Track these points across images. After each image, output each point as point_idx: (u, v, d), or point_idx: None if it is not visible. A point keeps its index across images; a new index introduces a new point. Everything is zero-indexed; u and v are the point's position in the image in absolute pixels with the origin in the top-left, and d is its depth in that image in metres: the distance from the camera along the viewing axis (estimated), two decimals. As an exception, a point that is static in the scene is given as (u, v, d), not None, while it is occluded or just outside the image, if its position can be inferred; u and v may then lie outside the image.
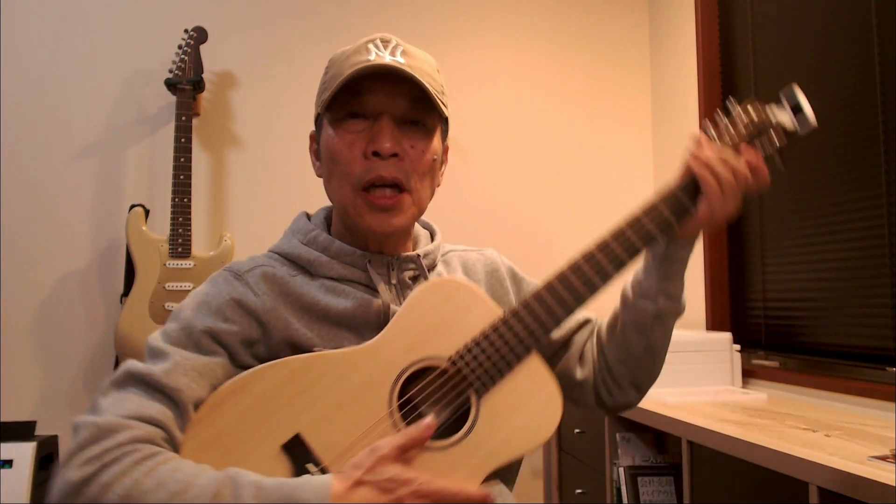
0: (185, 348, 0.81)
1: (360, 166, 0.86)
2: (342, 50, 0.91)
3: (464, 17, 2.70)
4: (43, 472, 2.00)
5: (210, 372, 0.81)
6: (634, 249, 0.87)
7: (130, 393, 0.77)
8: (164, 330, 0.83)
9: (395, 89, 0.86)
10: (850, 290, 1.84)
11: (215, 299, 0.85)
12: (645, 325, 0.95)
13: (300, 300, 0.86)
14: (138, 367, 0.78)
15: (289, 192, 2.50)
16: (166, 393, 0.77)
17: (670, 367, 2.10)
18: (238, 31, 2.51)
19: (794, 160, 2.05)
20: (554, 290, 0.85)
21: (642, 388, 1.01)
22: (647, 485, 1.90)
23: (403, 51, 0.88)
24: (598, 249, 0.86)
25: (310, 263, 0.90)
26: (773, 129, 0.91)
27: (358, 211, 0.87)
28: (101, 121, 2.39)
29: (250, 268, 0.89)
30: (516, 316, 0.83)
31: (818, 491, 1.21)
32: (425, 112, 0.89)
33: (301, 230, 0.94)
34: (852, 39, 1.85)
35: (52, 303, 2.31)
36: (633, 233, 0.88)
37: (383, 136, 0.85)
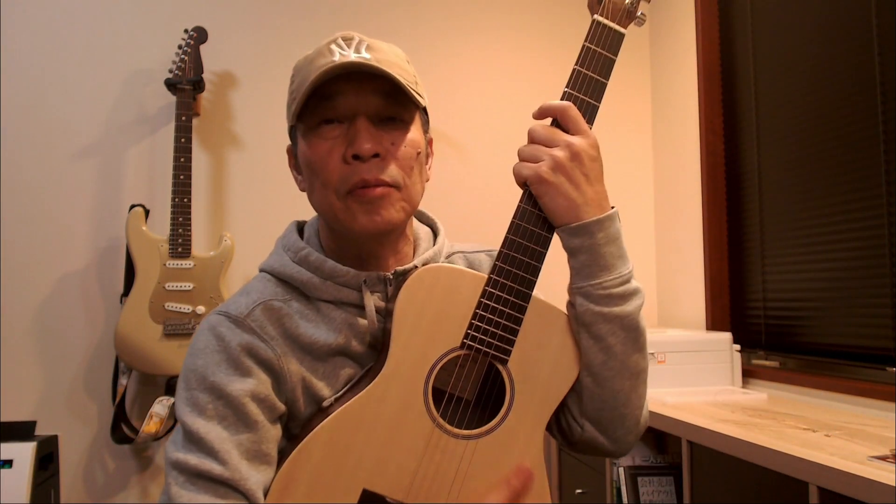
0: (225, 420, 0.77)
1: (341, 172, 0.81)
2: (305, 55, 0.86)
3: (463, 18, 2.70)
4: (43, 472, 2.00)
5: (260, 447, 0.78)
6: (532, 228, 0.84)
7: (198, 493, 0.74)
8: (193, 402, 0.78)
9: (365, 87, 0.82)
10: (850, 290, 1.84)
11: (228, 351, 0.80)
12: (575, 333, 0.86)
13: (298, 340, 0.83)
14: (192, 463, 0.75)
15: (289, 192, 2.49)
16: (232, 486, 0.75)
17: (670, 367, 2.08)
18: (238, 31, 2.51)
19: (795, 160, 2.05)
20: (515, 240, 0.83)
21: (604, 427, 0.88)
22: (647, 485, 1.90)
23: (368, 46, 0.83)
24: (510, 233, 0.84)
25: (303, 285, 0.85)
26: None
27: (349, 214, 0.82)
28: (101, 121, 2.39)
29: (249, 310, 0.83)
30: (500, 271, 0.82)
31: (818, 491, 1.21)
32: (400, 106, 0.84)
33: (292, 247, 0.89)
34: (852, 39, 1.85)
35: (52, 303, 2.31)
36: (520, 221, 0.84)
37: (361, 137, 0.80)
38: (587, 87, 0.85)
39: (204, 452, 0.75)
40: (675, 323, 2.65)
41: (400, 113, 0.84)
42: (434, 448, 0.80)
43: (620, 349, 0.84)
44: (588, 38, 0.85)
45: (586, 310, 0.83)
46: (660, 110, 2.78)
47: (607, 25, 0.86)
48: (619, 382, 0.85)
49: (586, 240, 0.82)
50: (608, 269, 0.83)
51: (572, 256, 0.84)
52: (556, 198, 0.81)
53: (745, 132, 2.31)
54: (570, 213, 0.81)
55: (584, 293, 0.83)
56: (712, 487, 1.56)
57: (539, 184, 0.81)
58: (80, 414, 2.30)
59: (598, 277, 0.83)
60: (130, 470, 2.33)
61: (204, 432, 0.76)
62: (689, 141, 2.54)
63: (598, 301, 0.83)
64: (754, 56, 2.27)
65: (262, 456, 0.78)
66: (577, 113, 0.83)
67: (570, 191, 0.81)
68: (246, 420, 0.78)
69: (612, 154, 2.79)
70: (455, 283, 0.83)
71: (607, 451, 0.89)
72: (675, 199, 2.66)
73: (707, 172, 2.43)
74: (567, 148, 0.81)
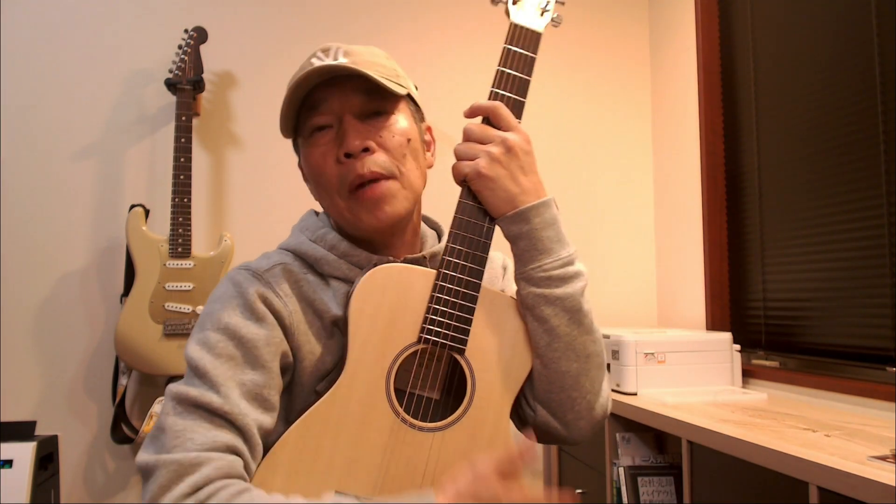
0: (232, 360, 0.79)
1: (337, 173, 0.86)
2: (292, 73, 0.91)
3: (462, 17, 2.70)
4: (43, 472, 2.00)
5: (262, 391, 0.79)
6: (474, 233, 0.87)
7: (194, 422, 0.74)
8: (204, 340, 0.80)
9: (346, 88, 0.87)
10: (850, 290, 1.84)
11: (244, 296, 0.82)
12: (522, 318, 0.89)
13: (313, 305, 0.86)
14: (192, 393, 0.76)
15: (289, 192, 2.50)
16: (229, 420, 0.75)
17: (670, 367, 2.08)
18: (238, 31, 2.51)
19: (798, 159, 2.05)
20: (459, 234, 0.86)
21: (554, 410, 0.89)
22: (647, 485, 1.90)
23: (345, 52, 0.88)
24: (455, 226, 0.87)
25: (317, 261, 0.89)
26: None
27: (354, 214, 0.87)
28: (101, 121, 2.39)
29: (269, 266, 0.86)
30: (448, 265, 0.85)
31: (818, 491, 1.21)
32: (383, 100, 0.88)
33: (310, 227, 0.93)
34: (852, 39, 1.85)
35: (52, 303, 2.31)
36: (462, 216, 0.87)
37: (348, 135, 0.85)
38: (512, 85, 0.89)
39: (206, 385, 0.76)
40: (675, 323, 2.65)
41: (383, 106, 0.88)
42: (401, 443, 0.81)
43: (565, 331, 0.87)
44: (507, 39, 0.90)
45: (528, 292, 0.87)
46: (660, 110, 2.78)
47: (524, 27, 0.91)
48: (565, 364, 0.87)
49: (524, 226, 0.86)
50: (547, 252, 0.86)
51: (513, 244, 0.88)
52: (496, 190, 0.85)
53: (745, 132, 2.31)
54: (508, 203, 0.86)
55: (525, 277, 0.87)
56: (712, 487, 1.56)
57: (478, 179, 0.85)
58: (80, 414, 2.30)
59: (538, 261, 0.86)
60: (130, 470, 2.33)
61: (210, 367, 0.77)
62: (689, 141, 2.54)
63: (538, 283, 0.86)
64: (754, 56, 2.27)
65: (263, 400, 0.79)
66: (507, 110, 0.87)
67: (507, 183, 0.85)
68: (254, 363, 0.79)
69: (613, 154, 2.79)
70: (407, 279, 0.85)
71: (561, 437, 0.91)
72: (675, 199, 2.66)
73: (707, 172, 2.43)
74: (501, 143, 0.85)
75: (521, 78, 0.89)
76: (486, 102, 0.88)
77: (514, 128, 0.87)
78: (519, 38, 0.90)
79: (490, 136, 0.86)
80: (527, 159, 0.87)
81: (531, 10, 0.91)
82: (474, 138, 0.87)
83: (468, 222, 0.86)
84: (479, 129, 0.87)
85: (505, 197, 0.85)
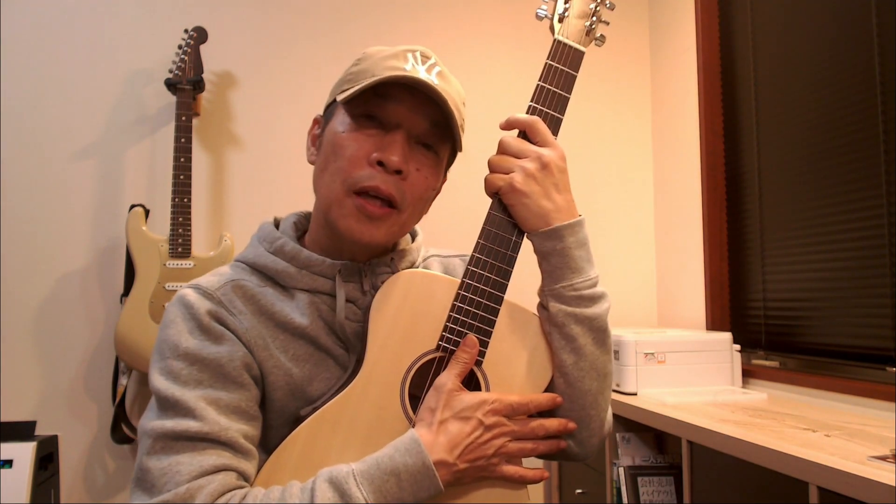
0: (200, 384, 0.77)
1: (361, 169, 0.82)
2: (379, 48, 0.88)
3: (462, 18, 2.70)
4: (43, 472, 2.00)
5: (240, 404, 0.78)
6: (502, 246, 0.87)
7: (177, 455, 0.73)
8: (167, 370, 0.78)
9: (420, 106, 0.84)
10: (850, 290, 1.84)
11: (197, 318, 0.80)
12: (547, 335, 0.88)
13: (274, 317, 0.83)
14: (168, 426, 0.74)
15: (289, 193, 2.50)
16: (212, 439, 0.74)
17: (670, 367, 2.08)
18: (238, 31, 2.51)
19: (798, 160, 2.05)
20: (487, 245, 0.86)
21: (574, 432, 0.89)
22: (647, 485, 1.90)
23: (440, 73, 0.86)
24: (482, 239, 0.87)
25: (278, 274, 0.86)
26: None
27: (343, 213, 0.83)
28: (101, 121, 2.39)
29: (219, 284, 0.84)
30: (473, 275, 0.85)
31: (818, 491, 1.21)
32: (441, 139, 0.87)
33: (267, 238, 0.90)
34: (852, 39, 1.85)
35: (52, 303, 2.31)
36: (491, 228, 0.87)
37: (394, 148, 0.82)
38: (551, 102, 0.89)
39: (180, 414, 0.75)
40: (675, 323, 2.65)
41: (437, 145, 0.87)
42: None
43: (590, 350, 0.87)
44: (550, 56, 0.89)
45: (559, 310, 0.86)
46: (660, 110, 2.78)
47: (568, 44, 0.90)
48: (588, 383, 0.87)
49: (557, 243, 0.85)
50: (578, 271, 0.86)
51: (544, 259, 0.87)
52: (529, 206, 0.84)
53: (745, 132, 2.31)
54: (541, 219, 0.85)
55: (556, 294, 0.86)
56: (712, 487, 1.56)
57: (512, 193, 0.84)
58: (80, 414, 2.30)
59: (570, 279, 0.86)
60: (130, 470, 2.32)
61: (179, 395, 0.75)
62: (689, 141, 2.54)
63: (569, 302, 0.86)
64: (754, 56, 2.27)
65: (242, 412, 0.78)
66: (545, 126, 0.87)
67: (541, 199, 0.85)
68: (223, 381, 0.78)
69: (613, 154, 2.79)
70: (429, 287, 0.85)
71: (573, 454, 0.92)
72: (675, 199, 2.66)
73: (707, 172, 2.43)
74: (538, 159, 0.85)
75: (561, 95, 0.89)
76: (523, 116, 0.87)
77: (551, 144, 0.86)
78: (562, 55, 0.89)
79: (526, 151, 0.85)
80: (561, 177, 0.86)
81: (576, 27, 0.91)
82: (510, 151, 0.86)
83: (497, 234, 0.86)
84: (516, 142, 0.86)
85: (538, 213, 0.85)
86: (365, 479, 0.73)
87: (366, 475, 0.73)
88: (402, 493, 0.74)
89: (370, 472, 0.73)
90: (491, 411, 0.81)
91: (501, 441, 0.81)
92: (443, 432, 0.78)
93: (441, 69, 0.87)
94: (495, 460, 0.81)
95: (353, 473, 0.73)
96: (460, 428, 0.78)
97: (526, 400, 0.84)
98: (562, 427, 0.86)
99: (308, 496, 0.72)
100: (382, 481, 0.73)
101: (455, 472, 0.77)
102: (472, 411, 0.80)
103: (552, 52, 0.89)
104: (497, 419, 0.81)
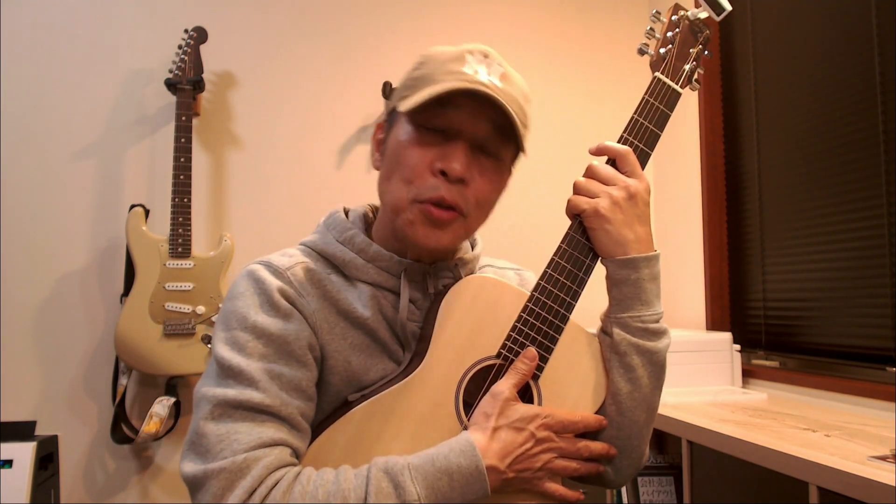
0: (265, 358, 0.78)
1: (425, 180, 0.82)
2: (439, 50, 0.87)
3: (462, 17, 2.70)
4: (43, 472, 2.00)
5: (300, 383, 0.79)
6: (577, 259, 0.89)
7: (236, 423, 0.74)
8: (232, 340, 0.79)
9: (481, 111, 0.83)
10: (850, 290, 1.84)
11: (267, 293, 0.81)
12: (606, 361, 0.89)
13: (338, 305, 0.85)
14: (230, 395, 0.75)
15: (289, 192, 2.50)
16: (272, 413, 0.75)
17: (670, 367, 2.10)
18: (238, 31, 2.51)
19: (798, 161, 2.05)
20: (561, 263, 0.88)
21: (613, 459, 0.89)
22: (647, 485, 1.90)
23: (503, 74, 0.85)
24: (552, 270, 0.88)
25: (345, 264, 0.87)
26: (693, 22, 0.96)
27: (410, 220, 0.83)
28: (101, 121, 2.39)
29: (290, 265, 0.85)
30: (543, 291, 0.86)
31: (818, 491, 1.21)
32: (504, 143, 0.86)
33: (338, 227, 0.90)
34: (852, 39, 1.85)
35: (52, 303, 2.31)
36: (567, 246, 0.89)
37: (456, 157, 0.82)
38: (643, 136, 0.91)
39: (243, 384, 0.75)
40: (675, 323, 2.65)
41: (501, 150, 0.87)
42: None
43: (646, 382, 0.88)
44: (648, 92, 0.92)
45: (623, 339, 0.87)
46: (660, 110, 2.78)
47: (667, 83, 0.93)
48: (638, 414, 0.89)
49: (633, 273, 0.87)
50: (647, 304, 0.88)
51: (615, 287, 0.89)
52: (610, 233, 0.86)
53: (745, 132, 2.31)
54: (619, 247, 0.87)
55: (622, 323, 0.88)
56: (712, 487, 1.56)
57: (595, 217, 0.86)
58: (80, 414, 2.30)
59: (638, 311, 0.88)
60: (130, 470, 2.33)
61: (245, 365, 0.76)
62: (689, 141, 2.54)
63: (634, 333, 0.87)
64: (754, 56, 2.27)
65: (302, 391, 0.79)
66: (635, 157, 0.90)
67: (623, 228, 0.86)
68: (287, 358, 0.79)
69: (612, 154, 2.78)
70: (498, 295, 0.86)
71: (608, 481, 0.93)
72: (675, 199, 2.66)
73: (707, 172, 2.43)
74: (625, 189, 0.87)
75: (654, 131, 0.92)
76: (616, 145, 0.89)
77: (639, 176, 0.89)
78: (659, 93, 0.92)
79: (615, 179, 0.87)
80: (645, 210, 0.88)
81: (675, 68, 0.94)
82: (598, 177, 0.87)
83: (572, 255, 0.87)
84: (607, 169, 0.88)
85: (618, 240, 0.86)
86: (419, 474, 0.74)
87: (420, 470, 0.74)
88: (453, 493, 0.75)
89: (425, 468, 0.75)
90: (543, 425, 0.82)
91: (549, 456, 0.83)
92: (496, 439, 0.79)
93: (504, 69, 0.86)
94: (540, 474, 0.82)
95: (408, 467, 0.74)
96: (513, 437, 0.80)
97: (577, 418, 0.85)
98: (604, 451, 0.87)
99: (363, 482, 0.73)
100: (435, 479, 0.74)
101: (504, 479, 0.79)
102: (526, 423, 0.81)
103: (650, 88, 0.92)
104: (548, 434, 0.82)
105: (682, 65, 0.94)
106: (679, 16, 0.95)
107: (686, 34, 0.94)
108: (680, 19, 0.95)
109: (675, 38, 0.94)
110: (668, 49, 0.93)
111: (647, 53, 0.95)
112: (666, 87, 0.92)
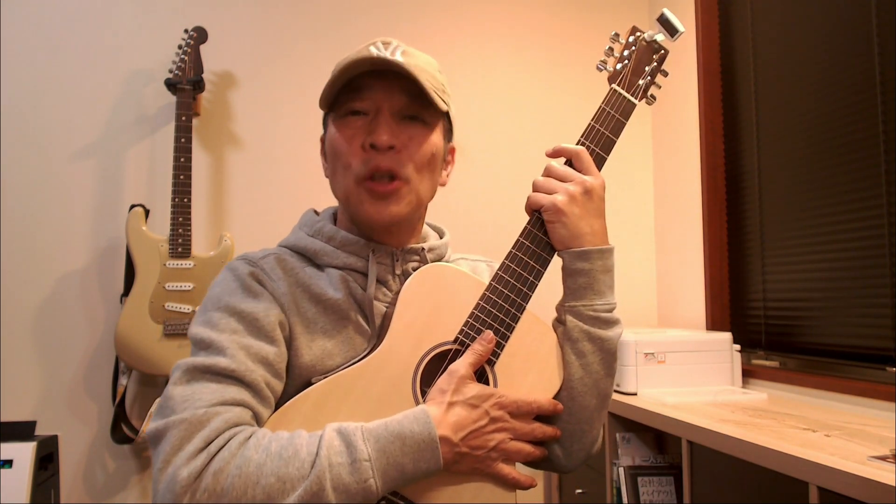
0: (236, 332, 0.82)
1: (359, 158, 0.88)
2: (346, 55, 0.93)
3: (463, 18, 2.70)
4: (43, 472, 2.00)
5: (268, 357, 0.82)
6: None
7: (201, 385, 0.77)
8: (206, 320, 0.84)
9: (393, 85, 0.89)
10: (850, 290, 1.84)
11: (240, 279, 0.87)
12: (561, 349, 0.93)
13: (309, 290, 0.89)
14: (199, 361, 0.79)
15: (289, 192, 2.50)
16: (237, 377, 0.78)
17: (670, 367, 2.08)
18: (238, 31, 2.51)
19: (798, 161, 2.05)
20: (519, 255, 0.92)
21: (564, 439, 0.92)
22: (647, 485, 1.90)
23: (403, 51, 0.91)
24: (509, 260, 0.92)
25: (315, 254, 0.92)
26: (649, 44, 1.01)
27: (359, 199, 0.89)
28: (101, 121, 2.39)
29: (263, 256, 0.91)
30: (500, 280, 0.90)
31: (818, 491, 1.21)
32: (423, 108, 0.91)
33: (308, 223, 0.97)
34: (852, 39, 1.85)
35: (52, 303, 2.31)
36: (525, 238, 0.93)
37: (380, 129, 0.87)
38: (599, 141, 0.97)
39: (212, 352, 0.80)
40: (675, 323, 2.65)
41: (422, 114, 0.91)
42: None
43: (596, 369, 0.93)
44: (605, 102, 0.97)
45: (575, 326, 0.92)
46: (660, 110, 2.78)
47: (623, 94, 0.98)
48: (588, 399, 0.93)
49: (586, 264, 0.92)
50: (600, 294, 0.93)
51: (570, 277, 0.93)
52: (567, 226, 0.91)
53: (745, 132, 2.31)
54: (575, 239, 0.91)
55: (575, 312, 0.93)
56: (712, 487, 1.56)
57: (554, 212, 0.90)
58: (80, 414, 2.30)
59: (591, 300, 0.93)
60: (130, 470, 2.33)
61: (215, 337, 0.81)
62: (689, 141, 2.54)
63: (586, 321, 0.92)
64: (754, 56, 2.27)
65: (269, 364, 0.82)
66: (589, 157, 0.95)
67: (579, 221, 0.91)
68: (256, 333, 0.83)
69: (613, 154, 2.78)
70: (458, 283, 0.90)
71: (559, 465, 0.96)
72: (675, 199, 2.66)
73: (707, 172, 2.43)
74: (581, 185, 0.92)
75: (609, 137, 0.97)
76: (570, 146, 0.95)
77: (594, 173, 0.94)
78: (615, 103, 0.98)
79: (571, 176, 0.92)
80: (600, 204, 0.93)
81: (630, 82, 0.99)
82: (555, 175, 0.93)
83: (530, 248, 0.92)
84: (563, 167, 0.93)
85: (575, 233, 0.91)
86: (371, 435, 0.76)
87: (373, 433, 0.77)
88: (405, 457, 0.77)
89: (377, 431, 0.77)
90: (497, 405, 0.85)
91: (503, 436, 0.85)
92: (451, 413, 0.81)
93: (405, 49, 0.91)
94: (494, 455, 0.84)
95: (361, 428, 0.77)
96: (468, 413, 0.82)
97: (530, 400, 0.88)
98: (551, 434, 0.90)
99: (315, 440, 0.75)
100: (387, 442, 0.76)
101: (456, 452, 0.81)
102: (481, 401, 0.84)
103: (607, 98, 0.97)
104: (502, 413, 0.85)
105: (637, 79, 0.99)
106: (636, 36, 1.01)
107: (642, 52, 1.00)
108: (636, 39, 1.01)
109: (631, 56, 1.00)
110: (624, 65, 0.99)
111: (605, 70, 1.01)
112: (622, 98, 0.98)
